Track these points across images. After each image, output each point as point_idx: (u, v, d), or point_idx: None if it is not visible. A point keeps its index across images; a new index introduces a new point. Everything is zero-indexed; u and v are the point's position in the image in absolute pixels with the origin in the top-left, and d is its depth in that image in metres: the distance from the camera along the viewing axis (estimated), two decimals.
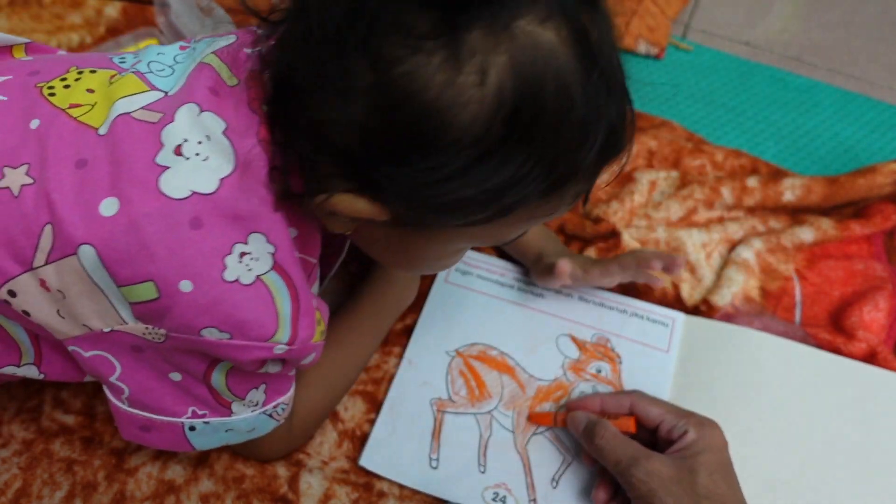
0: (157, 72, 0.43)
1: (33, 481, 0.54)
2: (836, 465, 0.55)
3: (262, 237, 0.39)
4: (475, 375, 0.60)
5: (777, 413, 0.58)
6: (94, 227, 0.37)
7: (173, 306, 0.38)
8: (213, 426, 0.46)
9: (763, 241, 0.69)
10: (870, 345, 0.62)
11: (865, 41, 0.95)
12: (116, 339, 0.41)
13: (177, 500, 0.53)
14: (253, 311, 0.39)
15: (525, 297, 0.65)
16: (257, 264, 0.39)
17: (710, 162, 0.77)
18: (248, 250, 0.39)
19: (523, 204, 0.38)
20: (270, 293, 0.40)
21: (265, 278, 0.39)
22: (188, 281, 0.38)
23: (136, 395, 0.44)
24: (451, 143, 0.34)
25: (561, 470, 0.55)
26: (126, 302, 0.39)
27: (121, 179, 0.38)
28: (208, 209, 0.38)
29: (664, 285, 0.66)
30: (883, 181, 0.73)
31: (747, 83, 0.89)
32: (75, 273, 0.38)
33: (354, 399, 0.59)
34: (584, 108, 0.35)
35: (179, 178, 0.38)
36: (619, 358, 0.61)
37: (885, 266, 0.68)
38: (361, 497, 0.54)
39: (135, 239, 0.37)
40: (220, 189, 0.38)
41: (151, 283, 0.38)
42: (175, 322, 0.39)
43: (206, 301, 0.38)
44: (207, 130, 0.39)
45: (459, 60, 0.32)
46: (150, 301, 0.38)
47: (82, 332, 0.41)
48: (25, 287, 0.39)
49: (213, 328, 0.39)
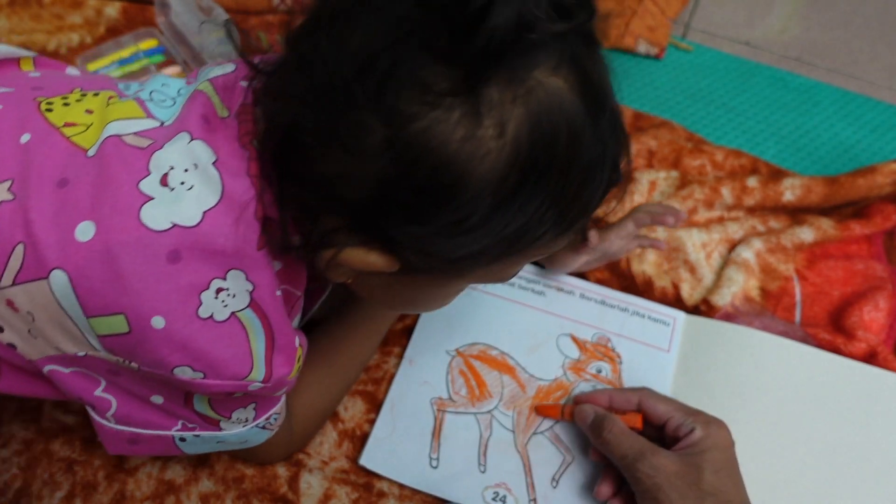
0: (159, 102, 0.42)
1: (33, 481, 0.54)
2: (835, 465, 0.55)
3: (241, 274, 0.38)
4: (475, 375, 0.60)
5: (777, 413, 0.58)
6: (69, 251, 0.36)
7: (144, 342, 0.37)
8: (203, 438, 0.45)
9: (763, 241, 0.69)
10: (870, 345, 0.62)
11: (865, 41, 0.95)
12: (92, 363, 0.40)
13: (177, 500, 0.53)
14: (226, 350, 0.39)
15: (526, 295, 0.65)
16: (234, 301, 0.38)
17: (710, 162, 0.77)
18: (226, 286, 0.38)
19: (536, 245, 0.38)
20: (245, 331, 0.39)
21: (240, 315, 0.39)
22: (160, 317, 0.36)
23: (122, 410, 0.43)
24: (471, 196, 0.34)
25: (561, 470, 0.55)
26: (95, 335, 0.38)
27: (102, 203, 0.37)
28: (188, 243, 0.37)
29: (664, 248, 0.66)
30: (883, 181, 0.73)
31: (747, 83, 0.89)
32: (45, 298, 0.37)
33: (354, 399, 0.59)
34: (593, 150, 0.36)
35: (162, 210, 0.37)
36: (619, 358, 0.61)
37: (885, 266, 0.68)
38: (361, 497, 0.54)
39: (109, 268, 0.36)
40: (202, 222, 0.37)
41: (122, 317, 0.36)
42: (146, 358, 0.38)
43: (178, 339, 0.37)
44: (196, 159, 0.38)
45: (479, 115, 0.32)
46: (120, 335, 0.37)
47: (56, 353, 0.40)
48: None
49: (185, 367, 0.38)
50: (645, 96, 0.86)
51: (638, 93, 0.86)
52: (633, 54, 0.89)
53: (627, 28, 0.87)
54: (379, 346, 0.61)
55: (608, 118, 0.36)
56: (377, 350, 0.61)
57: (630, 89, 0.86)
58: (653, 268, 0.68)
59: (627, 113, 0.81)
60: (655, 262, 0.68)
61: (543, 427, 0.57)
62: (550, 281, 0.66)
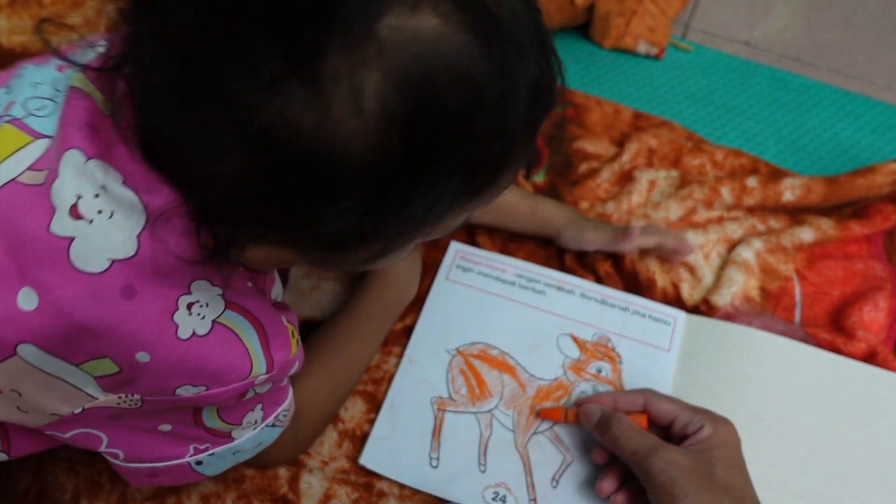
0: (37, 111, 0.37)
1: (46, 486, 0.54)
2: (835, 465, 0.55)
3: (204, 282, 0.36)
4: (476, 374, 0.60)
5: (777, 413, 0.58)
6: (22, 324, 0.33)
7: (139, 376, 0.36)
8: (218, 455, 0.45)
9: (763, 241, 0.69)
10: (870, 345, 0.62)
11: (865, 41, 0.95)
12: (92, 416, 0.39)
13: (177, 500, 0.53)
14: (222, 357, 0.37)
15: (526, 294, 0.65)
16: (208, 310, 0.36)
17: (710, 161, 0.77)
18: (195, 299, 0.35)
19: (455, 208, 0.34)
20: (234, 332, 0.37)
21: (222, 319, 0.37)
22: (143, 352, 0.35)
23: (131, 454, 0.43)
24: (350, 184, 0.29)
25: (561, 470, 0.55)
26: (90, 377, 0.36)
27: (27, 265, 0.33)
28: (136, 273, 0.34)
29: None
30: (883, 181, 0.73)
31: (747, 83, 0.89)
32: (23, 371, 0.35)
33: (354, 399, 0.59)
34: (495, 84, 0.29)
35: (93, 248, 0.33)
36: (619, 357, 0.61)
37: (884, 266, 0.68)
38: (362, 497, 0.54)
39: (70, 325, 0.33)
40: (140, 249, 0.33)
41: (108, 360, 0.35)
42: (146, 387, 0.37)
43: (170, 365, 0.36)
44: (101, 182, 0.33)
45: (324, 93, 0.27)
46: (113, 375, 0.36)
47: (52, 420, 0.39)
48: None
49: (186, 385, 0.37)
50: (645, 96, 0.86)
51: (638, 93, 0.86)
52: (633, 54, 0.89)
53: (627, 28, 0.87)
54: (380, 345, 0.61)
55: (508, 39, 0.29)
56: (378, 349, 0.61)
57: (630, 89, 0.86)
58: (653, 267, 0.68)
59: (627, 113, 0.82)
60: (655, 262, 0.68)
61: (543, 427, 0.57)
62: (551, 280, 0.66)
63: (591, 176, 0.76)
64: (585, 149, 0.78)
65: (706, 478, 0.46)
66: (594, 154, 0.79)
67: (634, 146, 0.78)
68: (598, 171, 0.76)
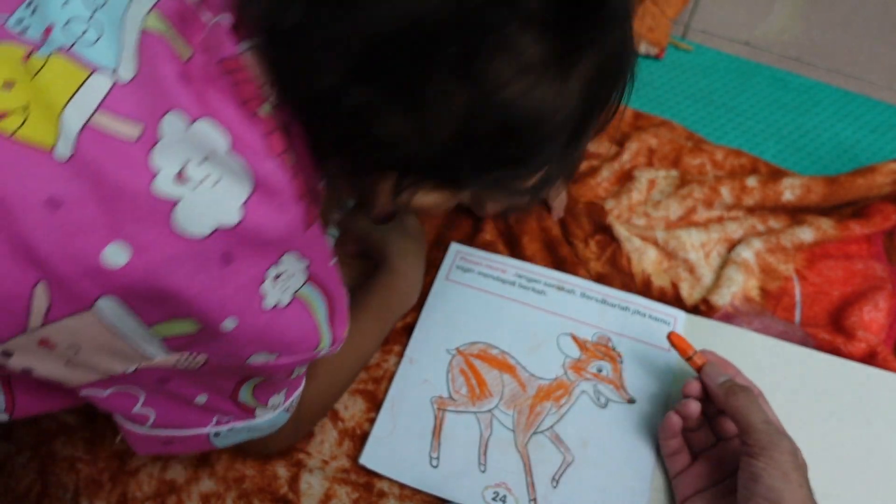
0: (83, 35, 0.34)
1: (48, 484, 0.54)
2: (835, 466, 0.55)
3: (295, 254, 0.36)
4: (476, 374, 0.60)
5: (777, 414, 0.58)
6: (106, 279, 0.32)
7: (216, 341, 0.36)
8: (236, 430, 0.45)
9: (763, 241, 0.69)
10: (869, 345, 0.62)
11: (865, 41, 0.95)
12: (140, 377, 0.38)
13: (178, 500, 0.53)
14: (297, 330, 0.38)
15: (526, 294, 0.65)
16: (293, 281, 0.37)
17: (710, 161, 0.77)
18: (282, 270, 0.36)
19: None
20: (309, 306, 0.38)
21: (301, 293, 0.38)
22: (230, 319, 0.35)
23: (161, 418, 0.42)
24: (546, 142, 0.36)
25: (561, 470, 0.55)
26: (157, 338, 0.35)
27: (122, 219, 0.32)
28: (236, 242, 0.34)
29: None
30: (882, 181, 0.73)
31: (747, 83, 0.89)
32: (92, 327, 0.34)
33: (355, 398, 0.59)
34: (630, 57, 0.38)
35: (197, 212, 0.32)
36: (620, 357, 0.61)
37: (884, 266, 0.68)
38: (362, 497, 0.54)
39: (162, 285, 0.33)
40: (244, 218, 0.33)
41: (191, 321, 0.34)
42: (219, 351, 0.37)
43: (250, 334, 0.36)
44: (207, 147, 0.33)
45: (568, 78, 0.34)
46: (188, 335, 0.35)
47: (99, 378, 0.38)
48: (23, 346, 0.34)
49: (261, 353, 0.37)
50: (645, 96, 0.86)
51: (638, 93, 0.85)
52: None
53: None
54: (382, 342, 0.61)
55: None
56: (379, 348, 0.61)
57: (630, 89, 0.86)
58: (652, 266, 0.68)
59: (628, 112, 0.81)
60: (655, 261, 0.68)
61: (544, 427, 0.57)
62: (551, 280, 0.66)
63: (592, 174, 0.76)
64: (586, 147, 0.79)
65: (807, 483, 0.46)
66: (594, 153, 0.79)
67: (634, 145, 0.78)
68: (598, 170, 0.76)
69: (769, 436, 0.47)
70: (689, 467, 0.53)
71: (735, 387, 0.51)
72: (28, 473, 0.54)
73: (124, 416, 0.42)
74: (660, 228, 0.71)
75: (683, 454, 0.53)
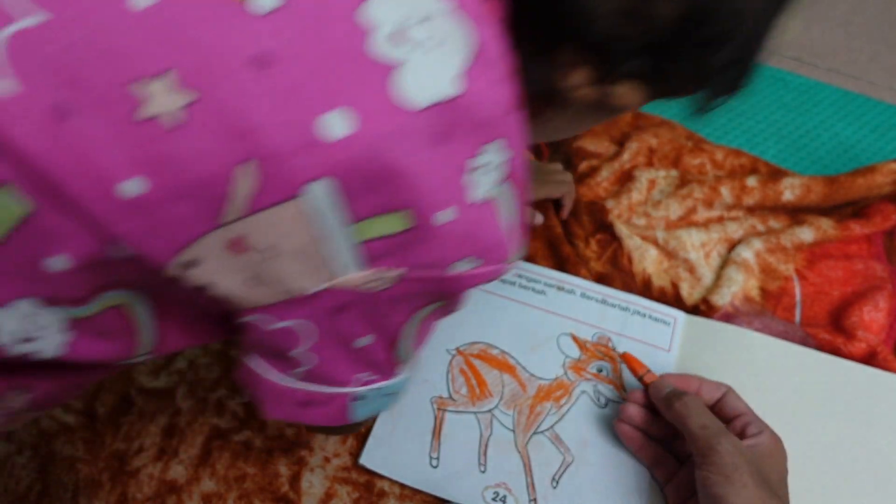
0: None
1: (49, 484, 0.54)
2: (835, 466, 0.55)
3: (502, 142, 0.32)
4: (476, 374, 0.60)
5: (777, 414, 0.58)
6: (322, 154, 0.27)
7: (427, 239, 0.31)
8: (379, 392, 0.40)
9: (763, 241, 0.69)
10: (869, 345, 0.62)
11: (865, 41, 0.95)
12: (319, 303, 0.33)
13: (178, 500, 0.53)
14: (497, 230, 0.33)
15: (526, 294, 0.65)
16: (493, 175, 0.33)
17: (710, 161, 0.77)
18: (487, 161, 0.32)
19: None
20: (502, 206, 0.34)
21: (500, 190, 0.33)
22: (445, 208, 0.30)
23: (316, 367, 0.36)
24: (741, 29, 0.36)
25: (561, 470, 0.55)
26: (357, 244, 0.30)
27: (338, 84, 0.27)
28: (453, 117, 0.30)
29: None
30: (882, 181, 0.73)
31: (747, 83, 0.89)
32: (293, 222, 0.29)
33: None
34: None
35: (416, 79, 0.28)
36: (620, 357, 0.61)
37: (884, 266, 0.68)
38: (362, 496, 0.54)
39: (380, 165, 0.28)
40: (465, 91, 0.29)
41: (403, 214, 0.30)
42: (424, 257, 0.32)
43: (462, 228, 0.31)
44: (426, 9, 0.29)
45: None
46: (396, 235, 0.30)
47: (280, 299, 0.32)
48: (210, 252, 0.29)
49: (464, 258, 0.32)
50: None
51: None
52: None
53: None
54: None
55: None
56: None
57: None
58: (653, 266, 0.68)
59: (628, 112, 0.82)
60: (655, 261, 0.68)
61: (544, 427, 0.57)
62: (551, 280, 0.66)
63: (592, 174, 0.76)
64: (586, 147, 0.79)
65: (763, 478, 0.45)
66: (594, 153, 0.79)
67: (635, 145, 0.78)
68: (598, 170, 0.76)
69: (706, 440, 0.47)
70: (676, 475, 0.53)
71: (672, 397, 0.51)
72: (28, 473, 0.54)
73: (278, 357, 0.36)
74: (660, 228, 0.71)
75: (668, 462, 0.53)
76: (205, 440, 0.56)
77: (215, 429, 0.57)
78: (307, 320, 0.33)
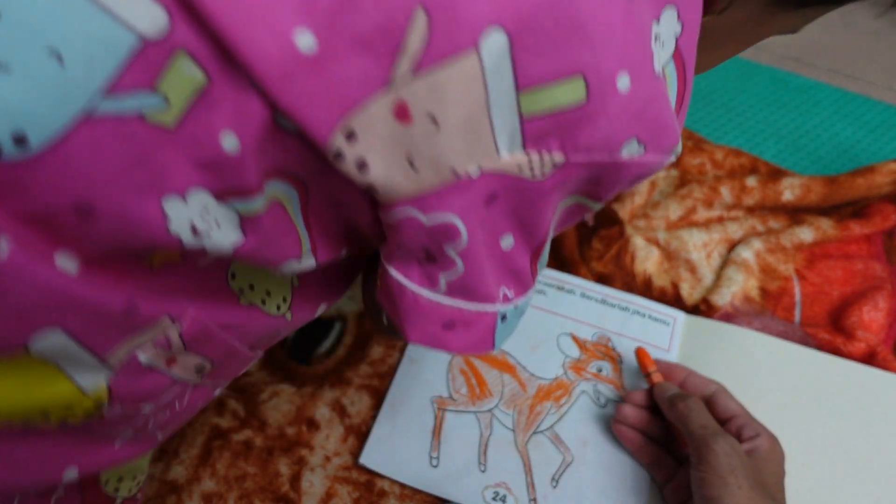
0: None
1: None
2: (835, 466, 0.55)
3: (674, 13, 0.29)
4: (476, 374, 0.60)
5: (777, 414, 0.58)
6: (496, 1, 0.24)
7: (601, 112, 0.27)
8: (516, 311, 0.37)
9: (762, 241, 0.69)
10: (869, 345, 0.62)
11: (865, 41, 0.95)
12: (475, 189, 0.29)
13: (178, 500, 0.53)
14: (669, 112, 0.30)
15: None
16: (665, 49, 0.29)
17: (710, 160, 0.77)
18: (661, 30, 0.29)
19: None
20: (668, 86, 0.31)
21: (666, 69, 0.30)
22: (627, 74, 0.27)
23: (466, 273, 0.33)
24: None
25: (561, 470, 0.55)
26: (519, 118, 0.27)
27: None
28: None
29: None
30: (882, 181, 0.73)
31: (747, 83, 0.89)
32: (466, 82, 0.25)
33: (361, 394, 0.59)
34: None
35: None
36: (620, 357, 0.61)
37: (884, 266, 0.68)
38: (363, 496, 0.54)
39: (563, 14, 0.25)
40: None
41: (578, 81, 0.26)
42: (594, 136, 0.28)
43: (638, 102, 0.28)
44: None
45: None
46: (566, 109, 0.27)
47: (436, 184, 0.28)
48: (373, 121, 0.26)
49: (634, 140, 0.29)
50: None
51: None
52: None
53: None
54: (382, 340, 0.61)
55: None
56: (382, 343, 0.61)
57: None
58: (654, 266, 0.68)
59: None
60: (656, 261, 0.69)
61: (543, 426, 0.57)
62: (551, 280, 0.66)
63: None
64: None
65: (759, 480, 0.45)
66: None
67: None
68: None
69: (704, 440, 0.47)
70: (675, 477, 0.52)
71: (674, 398, 0.51)
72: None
73: (427, 261, 0.33)
74: (661, 229, 0.71)
75: (667, 464, 0.53)
76: (205, 440, 0.56)
77: (215, 428, 0.57)
78: (461, 211, 0.30)
